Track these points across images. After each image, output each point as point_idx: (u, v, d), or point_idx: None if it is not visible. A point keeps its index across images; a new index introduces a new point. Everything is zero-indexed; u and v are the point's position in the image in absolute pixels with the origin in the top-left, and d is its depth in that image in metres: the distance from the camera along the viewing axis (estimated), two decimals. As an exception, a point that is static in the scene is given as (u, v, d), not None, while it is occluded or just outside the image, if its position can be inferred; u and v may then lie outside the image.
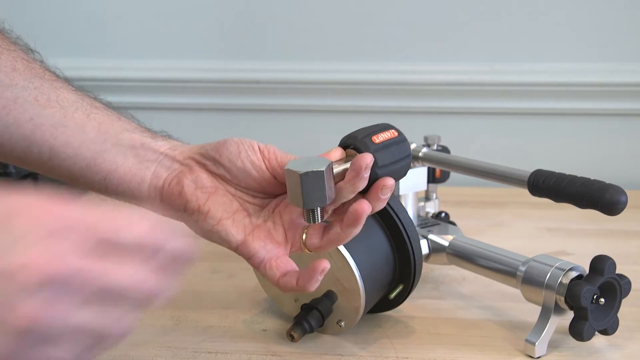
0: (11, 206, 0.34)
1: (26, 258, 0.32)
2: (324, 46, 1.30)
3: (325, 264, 0.54)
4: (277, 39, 1.31)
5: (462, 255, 0.77)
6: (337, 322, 0.69)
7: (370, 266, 0.67)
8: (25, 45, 0.64)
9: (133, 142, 0.61)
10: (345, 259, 0.66)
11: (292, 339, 0.67)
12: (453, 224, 0.86)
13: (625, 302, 0.68)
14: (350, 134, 0.57)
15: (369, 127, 0.57)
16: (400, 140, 0.57)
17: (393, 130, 0.57)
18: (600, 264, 0.66)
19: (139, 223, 0.36)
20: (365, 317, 0.75)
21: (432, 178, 0.89)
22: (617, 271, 0.67)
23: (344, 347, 0.69)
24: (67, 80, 0.64)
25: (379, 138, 0.55)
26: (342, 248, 0.66)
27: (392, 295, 0.71)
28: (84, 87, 0.64)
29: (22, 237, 0.32)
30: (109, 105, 0.64)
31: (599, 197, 0.63)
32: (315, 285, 0.55)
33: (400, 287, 0.71)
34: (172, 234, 0.37)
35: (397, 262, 0.70)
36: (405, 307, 0.78)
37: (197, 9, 1.32)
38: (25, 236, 0.33)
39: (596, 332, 0.68)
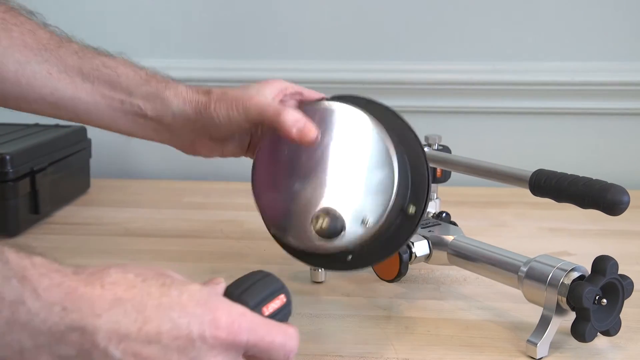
0: (213, 319, 0.45)
1: None
2: (324, 46, 1.30)
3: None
4: (277, 38, 1.31)
5: (463, 256, 0.76)
6: (363, 220, 0.65)
7: (401, 159, 0.66)
8: (26, 10, 0.71)
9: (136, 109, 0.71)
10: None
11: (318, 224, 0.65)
12: (454, 224, 0.86)
13: (627, 302, 0.68)
14: (241, 294, 0.51)
15: (259, 286, 0.53)
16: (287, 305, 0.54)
17: (283, 296, 0.53)
18: (603, 264, 0.65)
19: (290, 344, 0.49)
20: (365, 317, 0.75)
21: (433, 178, 0.88)
22: (620, 272, 0.67)
23: (344, 347, 0.69)
24: (66, 40, 0.71)
25: (269, 309, 0.52)
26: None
27: (410, 211, 0.67)
28: (82, 41, 0.73)
29: (209, 352, 0.45)
30: (103, 53, 0.72)
31: (601, 197, 0.63)
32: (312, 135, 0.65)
33: (413, 207, 0.68)
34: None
35: (409, 181, 0.68)
36: (406, 308, 0.78)
37: (196, 8, 1.32)
38: (211, 352, 0.45)
39: (598, 333, 0.67)
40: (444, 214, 0.89)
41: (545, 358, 0.67)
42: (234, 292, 0.50)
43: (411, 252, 0.77)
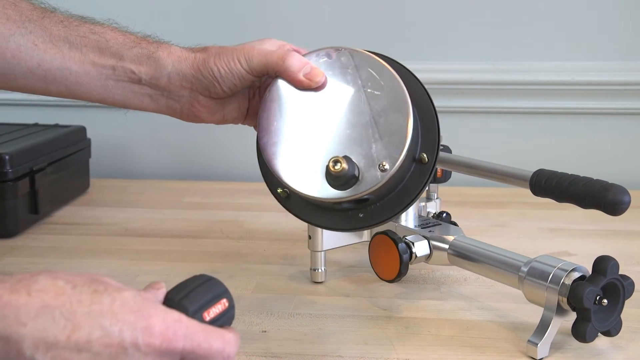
0: (147, 327, 0.44)
1: None
2: (322, 45, 1.29)
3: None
4: (273, 35, 1.30)
5: (464, 256, 0.76)
6: (380, 166, 0.62)
7: (414, 105, 0.63)
8: None
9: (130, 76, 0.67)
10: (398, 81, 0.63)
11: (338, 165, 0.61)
12: (454, 224, 0.86)
13: (628, 303, 0.68)
14: (181, 300, 0.50)
15: (200, 291, 0.51)
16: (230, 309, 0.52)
17: (225, 300, 0.52)
18: (603, 264, 0.65)
19: (228, 350, 0.48)
20: (365, 318, 0.75)
21: (433, 178, 0.88)
22: (620, 272, 0.67)
23: (345, 348, 0.69)
24: (50, 10, 0.68)
25: (210, 314, 0.50)
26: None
27: (424, 159, 0.65)
28: (67, 11, 0.70)
29: (144, 358, 0.44)
30: (89, 20, 0.69)
31: (601, 197, 0.62)
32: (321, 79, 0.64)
33: (426, 155, 0.66)
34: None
35: (420, 129, 0.66)
36: (406, 308, 0.77)
37: (194, 6, 1.31)
38: (145, 358, 0.44)
39: (599, 334, 0.67)
40: (444, 214, 0.88)
41: (545, 358, 0.67)
42: (174, 298, 0.49)
43: (411, 252, 0.77)
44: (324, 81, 0.64)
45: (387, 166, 0.61)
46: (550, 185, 0.67)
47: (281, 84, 0.65)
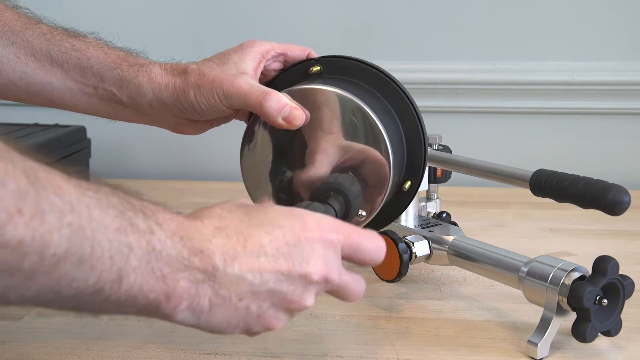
0: (303, 225, 0.50)
1: (315, 268, 0.50)
2: (323, 46, 1.29)
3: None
4: (275, 37, 1.30)
5: (464, 256, 0.76)
6: (358, 215, 0.66)
7: (394, 145, 0.65)
8: None
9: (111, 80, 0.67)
10: (379, 127, 0.64)
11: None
12: (454, 224, 0.86)
13: (628, 303, 0.68)
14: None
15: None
16: None
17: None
18: (603, 264, 0.65)
19: (376, 244, 0.53)
20: (365, 317, 0.75)
21: (433, 178, 0.88)
22: (620, 272, 0.67)
23: (345, 348, 0.69)
24: (34, 21, 0.68)
25: None
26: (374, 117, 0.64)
27: (406, 187, 0.69)
28: (51, 22, 0.69)
29: (312, 252, 0.50)
30: (73, 34, 0.69)
31: (601, 197, 0.62)
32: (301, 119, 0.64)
33: (409, 183, 0.70)
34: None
35: (405, 154, 0.69)
36: (406, 308, 0.77)
37: (193, 7, 1.31)
38: (313, 251, 0.50)
39: (599, 334, 0.67)
40: (444, 214, 0.88)
41: (545, 358, 0.67)
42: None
43: (411, 252, 0.77)
44: (303, 121, 0.64)
45: (363, 215, 0.66)
46: (550, 185, 0.67)
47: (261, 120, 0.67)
